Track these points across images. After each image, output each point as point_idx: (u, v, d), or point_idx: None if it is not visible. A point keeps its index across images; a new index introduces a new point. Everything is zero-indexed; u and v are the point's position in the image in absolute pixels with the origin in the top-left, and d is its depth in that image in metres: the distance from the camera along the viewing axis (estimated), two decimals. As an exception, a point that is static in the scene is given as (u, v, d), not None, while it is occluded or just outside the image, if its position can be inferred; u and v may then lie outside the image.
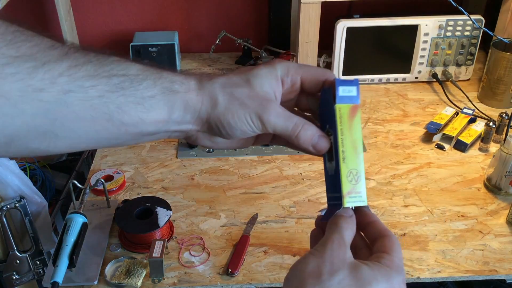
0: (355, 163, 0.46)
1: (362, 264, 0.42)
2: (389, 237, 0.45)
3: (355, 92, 0.47)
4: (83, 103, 0.40)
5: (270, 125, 0.46)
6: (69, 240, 0.78)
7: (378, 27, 1.26)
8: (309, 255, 0.43)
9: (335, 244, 0.43)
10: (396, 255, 0.44)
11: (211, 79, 0.47)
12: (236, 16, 1.50)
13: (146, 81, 0.44)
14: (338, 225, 0.44)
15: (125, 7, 1.47)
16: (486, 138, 1.07)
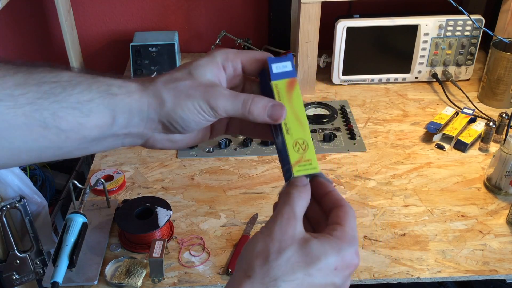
0: (299, 133, 0.47)
1: (311, 238, 0.41)
2: (343, 207, 0.44)
3: (290, 67, 0.47)
4: (14, 111, 0.40)
5: (220, 108, 0.45)
6: (69, 240, 0.78)
7: (378, 27, 1.26)
8: (259, 233, 0.42)
9: (284, 218, 0.42)
10: (349, 225, 0.43)
11: (152, 80, 0.47)
12: (236, 16, 1.50)
13: (80, 86, 0.43)
14: (289, 195, 0.44)
15: (125, 7, 1.47)
16: (486, 138, 1.07)
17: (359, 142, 1.10)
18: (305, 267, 0.40)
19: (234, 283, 0.41)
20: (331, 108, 1.22)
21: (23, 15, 1.46)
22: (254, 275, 0.40)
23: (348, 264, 0.42)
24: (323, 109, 1.22)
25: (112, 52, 1.54)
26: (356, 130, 1.14)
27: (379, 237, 0.86)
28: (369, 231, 0.87)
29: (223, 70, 0.48)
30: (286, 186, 0.46)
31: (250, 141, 1.09)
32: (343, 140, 1.11)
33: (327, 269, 0.41)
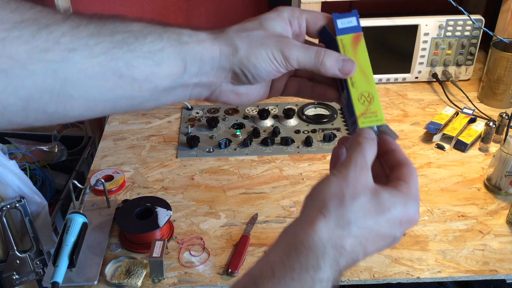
0: (365, 86, 0.47)
1: (382, 190, 0.43)
2: (408, 165, 0.46)
3: (355, 22, 0.49)
4: (90, 60, 0.41)
5: (293, 58, 0.46)
6: (69, 240, 0.78)
7: (378, 27, 1.26)
8: (332, 176, 0.43)
9: (358, 166, 0.43)
10: (413, 185, 0.44)
11: (223, 30, 0.47)
12: (236, 16, 1.50)
13: (151, 35, 0.43)
14: (360, 145, 0.44)
15: (125, 7, 1.47)
16: (486, 138, 1.07)
17: (359, 142, 1.10)
18: (375, 215, 0.42)
19: (307, 218, 0.42)
20: (331, 108, 1.22)
21: (23, 15, 1.46)
22: (329, 214, 0.41)
23: (411, 219, 0.44)
24: (323, 109, 1.22)
25: (112, 52, 1.54)
26: (356, 130, 1.14)
27: (379, 237, 0.86)
28: (369, 231, 0.87)
29: (290, 25, 0.49)
30: (353, 137, 0.46)
31: (250, 141, 1.09)
32: (343, 140, 1.11)
33: (393, 220, 0.43)
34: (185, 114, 1.21)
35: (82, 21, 0.42)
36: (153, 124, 1.18)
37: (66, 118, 0.44)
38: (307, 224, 0.42)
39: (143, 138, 1.13)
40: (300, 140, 1.11)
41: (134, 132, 1.15)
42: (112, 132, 1.16)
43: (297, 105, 1.23)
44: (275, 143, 1.10)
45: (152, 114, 1.22)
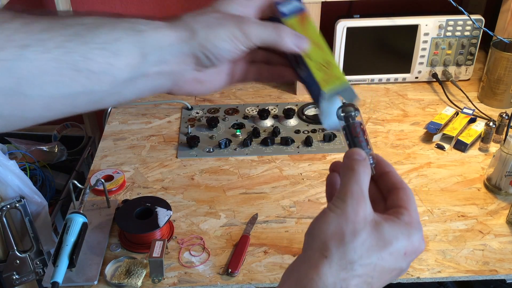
0: (320, 55, 0.48)
1: (383, 222, 0.41)
2: (405, 189, 0.44)
3: (297, 4, 0.50)
4: (44, 56, 0.39)
5: (254, 35, 0.46)
6: (69, 240, 0.78)
7: (378, 27, 1.25)
8: (330, 213, 0.42)
9: (355, 198, 0.41)
10: (414, 209, 0.43)
11: (179, 17, 0.47)
12: (236, 16, 1.50)
13: (105, 26, 0.42)
14: (354, 171, 0.43)
15: (125, 7, 1.47)
16: (486, 138, 1.07)
17: (359, 142, 1.10)
18: (378, 250, 0.40)
19: (310, 263, 0.41)
20: (331, 108, 1.21)
21: (23, 15, 1.46)
22: (331, 256, 0.40)
23: (416, 250, 0.42)
24: (323, 109, 1.22)
25: (112, 52, 1.54)
26: (356, 130, 1.14)
27: (379, 237, 0.86)
28: (369, 231, 0.87)
29: (248, 6, 0.49)
30: (345, 161, 0.44)
31: (250, 141, 1.09)
32: (343, 140, 1.11)
33: (398, 253, 0.41)
34: (185, 114, 1.21)
35: (33, 17, 0.41)
36: (153, 124, 1.18)
37: (23, 121, 0.42)
38: (310, 268, 0.41)
39: (143, 138, 1.13)
40: (300, 140, 1.11)
41: (134, 132, 1.15)
42: (112, 132, 1.16)
43: (297, 105, 1.23)
44: (275, 143, 1.10)
45: (152, 114, 1.22)
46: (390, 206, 0.44)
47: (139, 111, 1.23)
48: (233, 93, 1.31)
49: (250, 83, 0.48)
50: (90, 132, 1.55)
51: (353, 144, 0.47)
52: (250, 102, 1.26)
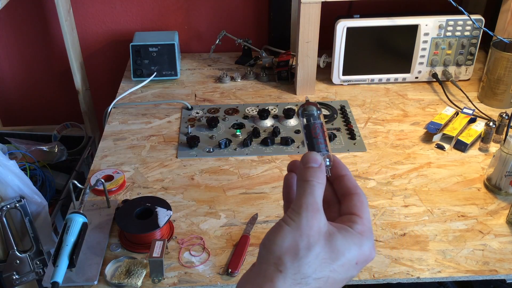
0: None
1: (336, 233, 0.42)
2: (359, 195, 0.45)
3: None
4: None
5: None
6: (69, 240, 0.78)
7: (378, 27, 1.26)
8: (285, 226, 0.42)
9: (309, 211, 0.42)
10: (366, 217, 0.44)
11: None
12: (236, 16, 1.50)
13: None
14: (309, 184, 0.43)
15: (125, 7, 1.47)
16: (486, 138, 1.07)
17: (359, 142, 1.10)
18: (331, 263, 0.41)
19: (265, 276, 0.42)
20: (331, 108, 1.22)
21: (23, 15, 1.46)
22: (285, 270, 0.41)
23: (367, 258, 0.43)
24: (323, 109, 1.22)
25: (112, 52, 1.54)
26: (356, 130, 1.14)
27: (379, 237, 0.86)
28: (369, 231, 0.87)
29: None
30: (300, 169, 0.45)
31: (250, 141, 1.09)
32: (343, 140, 1.11)
33: (349, 264, 0.42)
34: (185, 114, 1.21)
35: None
36: (153, 124, 1.18)
37: None
38: (265, 282, 0.41)
39: (143, 138, 1.13)
40: (300, 140, 1.11)
41: (134, 132, 1.15)
42: (112, 132, 1.16)
43: (297, 105, 1.23)
44: (275, 143, 1.10)
45: (152, 114, 1.22)
46: (344, 212, 0.45)
47: (139, 111, 1.23)
48: (233, 93, 1.31)
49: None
50: (90, 132, 1.55)
51: (311, 145, 0.47)
52: (250, 102, 1.26)
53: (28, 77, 1.57)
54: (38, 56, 1.54)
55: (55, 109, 1.64)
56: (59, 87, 1.60)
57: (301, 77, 1.26)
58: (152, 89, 1.33)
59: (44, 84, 1.59)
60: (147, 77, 1.33)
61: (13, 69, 1.55)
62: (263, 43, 1.52)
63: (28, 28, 1.48)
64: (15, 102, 1.61)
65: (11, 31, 1.49)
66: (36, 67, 1.56)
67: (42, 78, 1.58)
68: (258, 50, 1.41)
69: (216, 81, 1.37)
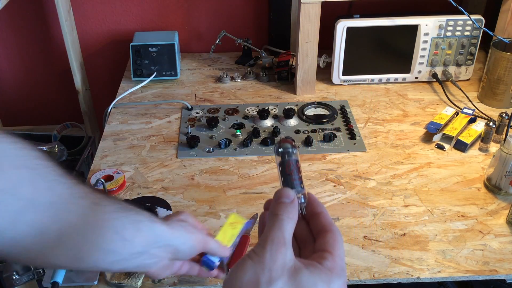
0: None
1: (302, 268, 0.40)
2: (332, 232, 0.44)
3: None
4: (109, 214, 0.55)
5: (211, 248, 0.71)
6: (69, 240, 0.78)
7: (378, 27, 1.26)
8: (248, 259, 0.41)
9: (274, 244, 0.41)
10: (338, 254, 0.42)
11: (178, 217, 0.68)
12: (236, 16, 1.50)
13: (133, 210, 0.59)
14: (278, 218, 0.43)
15: (125, 7, 1.47)
16: (486, 138, 1.07)
17: (359, 142, 1.10)
18: None
19: None
20: (331, 108, 1.22)
21: (23, 15, 1.47)
22: None
23: None
24: (323, 109, 1.22)
25: (112, 52, 1.54)
26: (356, 130, 1.14)
27: (379, 237, 0.86)
28: (369, 231, 0.87)
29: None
30: (272, 204, 0.44)
31: (250, 141, 1.09)
32: (343, 140, 1.11)
33: None
34: (185, 114, 1.21)
35: (93, 189, 0.56)
36: (153, 124, 1.18)
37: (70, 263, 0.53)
38: None
39: (143, 138, 1.13)
40: (300, 140, 1.11)
41: (134, 132, 1.15)
42: (112, 132, 1.16)
43: (297, 105, 1.23)
44: (275, 143, 1.10)
45: (152, 114, 1.22)
46: (317, 250, 0.43)
47: (139, 111, 1.23)
48: (233, 93, 1.31)
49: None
50: (90, 132, 1.55)
51: (286, 182, 0.46)
52: (250, 102, 1.26)
53: (28, 77, 1.58)
54: (38, 56, 1.54)
55: (55, 109, 1.64)
56: (59, 87, 1.60)
57: (301, 77, 1.26)
58: (152, 89, 1.33)
59: (44, 84, 1.59)
60: (147, 77, 1.33)
61: (13, 69, 1.55)
62: (263, 43, 1.52)
63: (28, 28, 1.48)
64: (15, 102, 1.61)
65: (11, 31, 1.49)
66: (36, 67, 1.56)
67: (42, 78, 1.58)
68: (258, 50, 1.41)
69: (216, 81, 1.37)
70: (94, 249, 0.53)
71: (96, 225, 0.53)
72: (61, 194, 0.50)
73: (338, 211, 0.92)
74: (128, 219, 0.57)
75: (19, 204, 0.46)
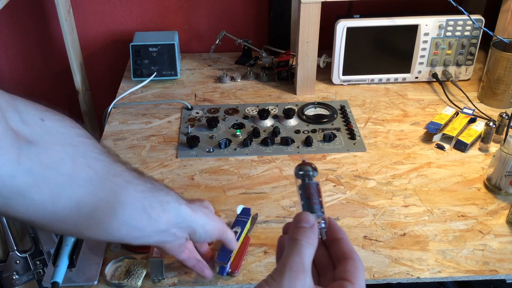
0: None
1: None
2: (353, 260, 0.43)
3: None
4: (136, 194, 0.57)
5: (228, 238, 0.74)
6: (69, 240, 0.78)
7: (378, 27, 1.26)
8: (265, 286, 0.40)
9: (293, 271, 0.39)
10: (359, 284, 0.41)
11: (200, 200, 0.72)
12: (236, 16, 1.50)
13: (163, 190, 0.62)
14: (297, 241, 0.42)
15: (125, 7, 1.47)
16: (486, 138, 1.07)
17: (359, 142, 1.10)
18: None
19: None
20: (331, 108, 1.22)
21: (23, 15, 1.46)
22: None
23: None
24: (323, 109, 1.22)
25: (112, 52, 1.54)
26: (356, 130, 1.14)
27: (379, 237, 0.86)
28: (369, 231, 0.87)
29: None
30: (291, 229, 0.43)
31: (250, 141, 1.09)
32: (343, 140, 1.11)
33: None
34: (185, 114, 1.21)
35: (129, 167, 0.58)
36: (153, 124, 1.18)
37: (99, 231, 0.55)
38: None
39: (143, 138, 1.13)
40: (300, 140, 1.11)
41: (134, 132, 1.15)
42: (112, 132, 1.16)
43: (297, 105, 1.23)
44: (275, 143, 1.10)
45: (152, 114, 1.22)
46: (337, 278, 0.42)
47: (139, 111, 1.23)
48: (233, 93, 1.31)
49: None
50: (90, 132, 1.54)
51: (306, 206, 0.45)
52: (250, 102, 1.26)
53: (28, 77, 1.58)
54: (38, 56, 1.54)
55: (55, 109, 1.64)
56: (59, 87, 1.60)
57: (301, 77, 1.26)
58: (152, 89, 1.33)
59: (44, 84, 1.59)
60: (147, 77, 1.33)
61: (13, 69, 1.55)
62: (263, 43, 1.52)
63: (28, 28, 1.48)
64: (15, 102, 1.61)
65: (11, 31, 1.49)
66: (36, 67, 1.56)
67: (42, 78, 1.58)
68: (258, 50, 1.41)
69: (216, 81, 1.37)
70: (122, 225, 0.56)
71: (127, 203, 0.55)
72: (98, 171, 0.52)
73: (338, 211, 0.92)
74: (156, 199, 0.59)
75: (60, 179, 0.47)
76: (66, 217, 0.50)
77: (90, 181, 0.51)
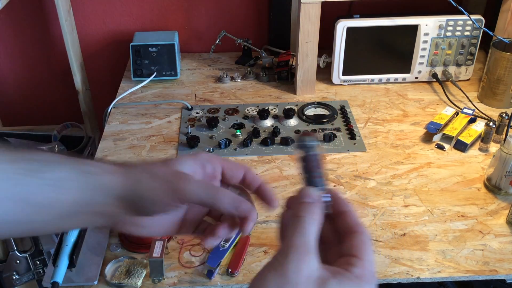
0: None
1: (330, 279, 0.37)
2: (360, 234, 0.41)
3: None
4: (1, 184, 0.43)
5: (188, 191, 0.46)
6: (69, 240, 0.78)
7: (378, 27, 1.26)
8: (270, 269, 0.38)
9: (297, 253, 0.37)
10: (368, 259, 0.39)
11: (133, 165, 0.49)
12: (236, 16, 1.50)
13: (54, 164, 0.45)
14: (300, 220, 0.40)
15: (125, 7, 1.47)
16: (486, 138, 1.07)
17: (359, 142, 1.10)
18: None
19: None
20: (331, 108, 1.22)
21: (23, 15, 1.46)
22: None
23: None
24: (323, 109, 1.22)
25: (112, 52, 1.54)
26: (356, 130, 1.14)
27: (379, 237, 0.86)
28: (369, 231, 0.87)
29: (202, 168, 0.50)
30: (295, 205, 0.41)
31: (250, 141, 1.09)
32: (343, 140, 1.11)
33: None
34: (185, 114, 1.21)
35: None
36: (153, 124, 1.18)
37: None
38: None
39: (143, 138, 1.13)
40: (300, 140, 1.10)
41: (134, 132, 1.15)
42: (112, 132, 1.16)
43: (297, 105, 1.23)
44: (275, 143, 1.10)
45: (152, 114, 1.22)
46: (344, 253, 0.40)
47: (139, 111, 1.23)
48: (233, 93, 1.31)
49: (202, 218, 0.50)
50: (90, 132, 1.55)
51: (307, 179, 0.44)
52: (250, 102, 1.26)
53: (28, 77, 1.58)
54: (38, 56, 1.54)
55: (55, 109, 1.64)
56: (59, 87, 1.60)
57: (301, 77, 1.26)
58: (152, 89, 1.33)
59: (44, 84, 1.59)
60: (147, 77, 1.33)
61: (13, 69, 1.55)
62: (263, 43, 1.52)
63: (28, 28, 1.48)
64: (15, 102, 1.61)
65: (11, 31, 1.49)
66: (36, 67, 1.56)
67: (42, 78, 1.58)
68: (258, 50, 1.41)
69: (216, 81, 1.37)
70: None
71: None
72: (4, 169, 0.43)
73: (338, 211, 0.92)
74: (43, 182, 0.45)
75: None
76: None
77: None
